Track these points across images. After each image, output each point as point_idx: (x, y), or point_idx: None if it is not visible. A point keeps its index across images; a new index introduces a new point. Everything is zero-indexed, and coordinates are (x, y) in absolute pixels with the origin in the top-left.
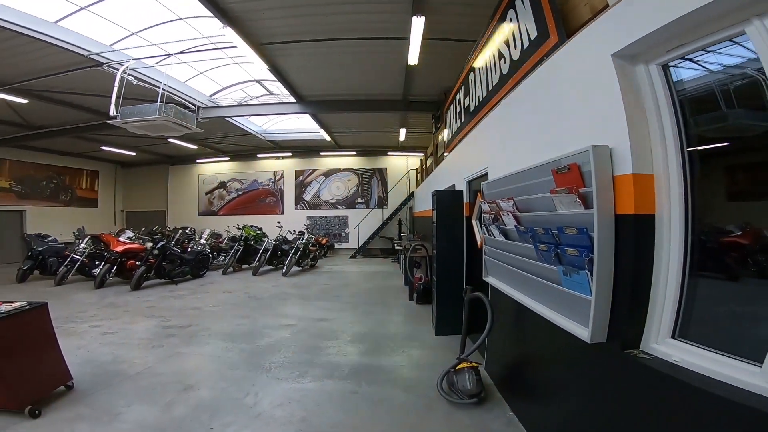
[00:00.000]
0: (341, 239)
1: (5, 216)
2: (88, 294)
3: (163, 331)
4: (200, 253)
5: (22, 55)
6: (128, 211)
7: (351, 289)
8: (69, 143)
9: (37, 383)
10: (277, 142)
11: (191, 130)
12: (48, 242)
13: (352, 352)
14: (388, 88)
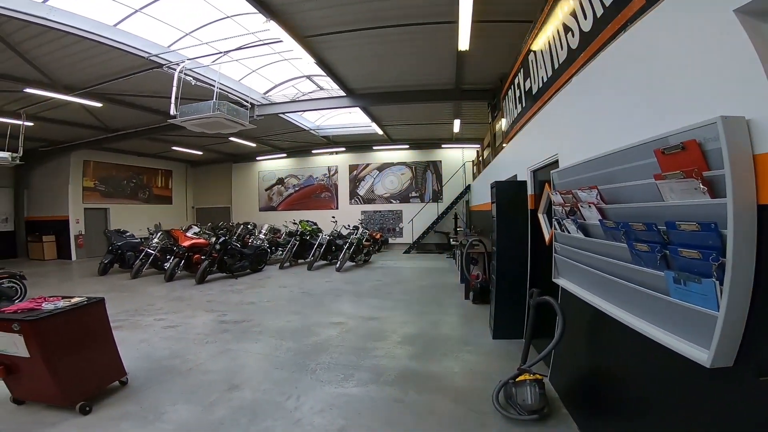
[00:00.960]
0: (395, 234)
1: (92, 213)
2: (158, 287)
3: (218, 326)
4: (259, 247)
5: (89, 59)
6: (198, 207)
7: (404, 286)
8: (143, 144)
9: (91, 379)
10: (330, 138)
11: (244, 126)
12: (126, 237)
13: (401, 355)
14: (439, 77)
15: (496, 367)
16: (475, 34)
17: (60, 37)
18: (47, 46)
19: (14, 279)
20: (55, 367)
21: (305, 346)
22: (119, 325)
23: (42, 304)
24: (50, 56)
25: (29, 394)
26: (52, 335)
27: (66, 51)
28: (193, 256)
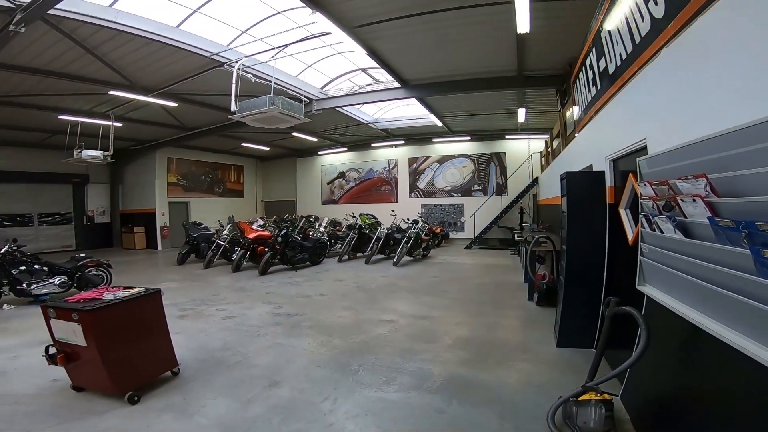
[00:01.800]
0: (456, 228)
1: (175, 207)
2: (225, 277)
3: (272, 318)
4: (318, 240)
5: (160, 60)
6: (267, 200)
7: (462, 284)
8: (217, 141)
9: (142, 369)
10: (389, 131)
11: (300, 120)
12: (200, 229)
13: (450, 360)
14: (498, 64)
15: (557, 380)
16: (536, 15)
17: (130, 40)
18: (121, 50)
19: (101, 267)
20: (108, 356)
21: (351, 344)
22: (185, 314)
23: (103, 294)
24: (125, 59)
25: (86, 382)
26: (108, 325)
27: (138, 53)
28: (258, 247)
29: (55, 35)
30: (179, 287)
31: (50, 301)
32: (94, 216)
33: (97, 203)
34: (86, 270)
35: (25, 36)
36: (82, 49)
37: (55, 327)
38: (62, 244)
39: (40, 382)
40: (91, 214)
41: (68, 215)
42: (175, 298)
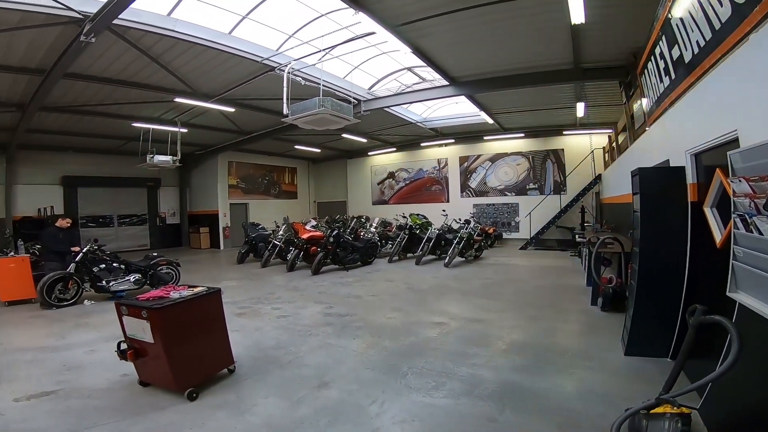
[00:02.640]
0: (510, 228)
1: (236, 208)
2: (280, 276)
3: (323, 318)
4: (369, 241)
5: (217, 67)
6: (319, 201)
7: (517, 286)
8: (271, 144)
9: (202, 366)
10: (438, 130)
11: (349, 121)
12: (258, 230)
13: (504, 366)
14: (552, 57)
15: (623, 390)
16: (592, 5)
17: (189, 48)
18: (182, 58)
19: (171, 266)
20: (172, 353)
21: (401, 347)
22: (242, 312)
23: (170, 293)
24: (186, 66)
25: (152, 377)
26: (173, 323)
27: (197, 61)
28: (311, 247)
29: (123, 45)
30: (238, 286)
31: (124, 298)
32: (165, 217)
33: (168, 205)
34: (158, 268)
35: (96, 47)
36: (147, 58)
37: (127, 324)
38: (138, 243)
39: (111, 377)
40: (163, 215)
41: (143, 216)
42: (234, 297)
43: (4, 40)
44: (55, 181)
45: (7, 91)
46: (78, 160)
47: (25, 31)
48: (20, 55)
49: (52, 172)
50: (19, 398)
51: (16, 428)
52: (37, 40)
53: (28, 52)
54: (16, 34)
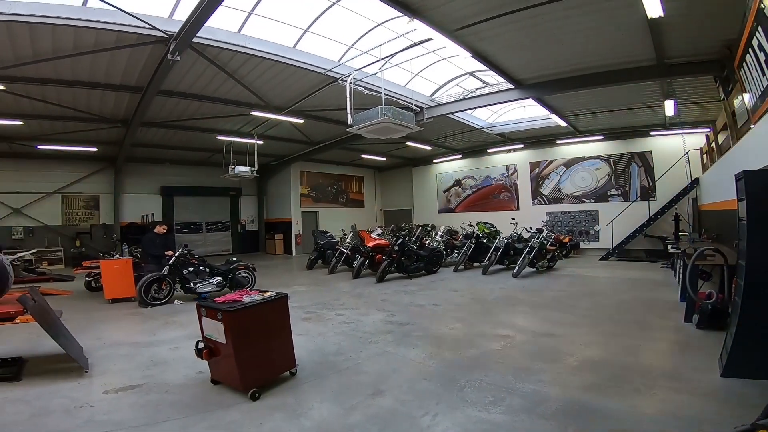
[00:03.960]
0: (589, 238)
1: (307, 216)
2: (346, 283)
3: (384, 326)
4: (434, 249)
5: (285, 80)
6: (385, 209)
7: (594, 300)
8: (339, 154)
9: (267, 368)
10: (505, 135)
11: (412, 129)
12: (327, 237)
13: (573, 383)
14: (629, 54)
15: (714, 414)
16: None
17: (259, 62)
18: (254, 72)
19: (248, 270)
20: (240, 354)
21: (461, 359)
22: (308, 317)
23: (243, 297)
24: (258, 81)
25: (222, 376)
26: (244, 325)
27: (268, 75)
28: (376, 255)
29: (203, 62)
30: (306, 291)
31: (207, 300)
32: (245, 224)
33: (247, 213)
34: (237, 272)
35: (182, 65)
36: (225, 74)
37: (205, 324)
38: (222, 248)
39: (188, 373)
40: (243, 222)
41: (227, 223)
42: (302, 301)
43: (106, 60)
44: (154, 190)
45: (113, 108)
46: (173, 171)
47: (123, 51)
48: (121, 74)
49: (152, 183)
50: (108, 391)
51: (100, 420)
52: (132, 59)
53: (127, 71)
54: (115, 55)
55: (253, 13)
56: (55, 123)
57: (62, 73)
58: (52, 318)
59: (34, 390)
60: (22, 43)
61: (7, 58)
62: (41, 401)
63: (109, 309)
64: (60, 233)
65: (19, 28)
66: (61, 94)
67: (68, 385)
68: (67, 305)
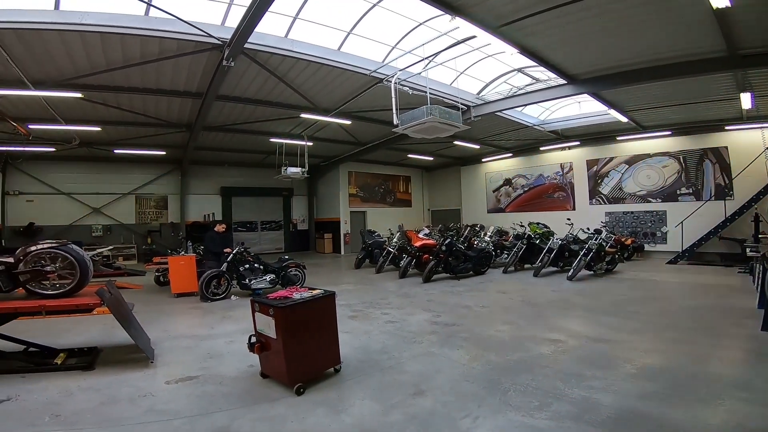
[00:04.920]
0: (654, 240)
1: (355, 216)
2: (393, 283)
3: (429, 326)
4: (483, 250)
5: (331, 82)
6: (433, 209)
7: (658, 305)
8: (386, 154)
9: (313, 364)
10: (559, 132)
11: (459, 128)
12: (374, 237)
13: (628, 391)
14: (696, 45)
15: None
16: None
17: (306, 66)
18: (302, 75)
19: (299, 268)
20: (289, 349)
21: (507, 362)
22: (355, 315)
23: (293, 294)
24: (307, 84)
25: (271, 370)
26: (293, 321)
27: (315, 78)
28: (423, 255)
29: (255, 67)
30: (354, 289)
31: (260, 296)
32: (297, 224)
33: (298, 213)
34: (288, 270)
35: (236, 70)
36: (275, 78)
37: (258, 319)
38: (275, 246)
39: (241, 367)
40: (295, 222)
41: (280, 222)
42: (349, 300)
43: (170, 68)
44: (215, 191)
45: (177, 113)
46: (232, 173)
47: (183, 58)
48: (183, 80)
49: (213, 184)
50: (169, 381)
51: (159, 409)
52: (193, 66)
53: (188, 77)
54: (178, 62)
55: (298, 18)
56: (129, 128)
57: (132, 81)
58: (126, 310)
59: (105, 379)
60: (95, 52)
61: (84, 67)
62: (110, 390)
63: (174, 303)
64: (133, 231)
65: (91, 37)
66: (133, 101)
67: (135, 374)
68: (138, 299)
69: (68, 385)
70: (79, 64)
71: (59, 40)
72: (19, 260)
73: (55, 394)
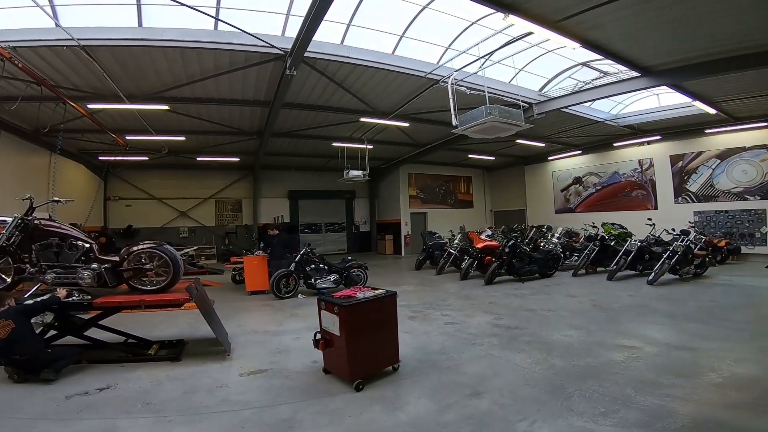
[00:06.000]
0: (753, 241)
1: (415, 217)
2: (453, 284)
3: (490, 329)
4: (550, 252)
5: (388, 86)
6: (495, 210)
7: (756, 312)
8: (445, 155)
9: (372, 362)
10: (635, 126)
11: (520, 127)
12: (435, 238)
13: (711, 400)
14: None
15: None
16: None
17: (363, 71)
18: (360, 81)
19: (361, 269)
20: (351, 346)
21: (573, 367)
22: (414, 316)
23: (356, 293)
24: (365, 88)
25: (333, 367)
26: (356, 319)
27: (372, 82)
28: (485, 257)
29: (315, 75)
30: (414, 290)
31: (325, 295)
32: (359, 225)
33: (360, 215)
34: (351, 270)
35: (298, 78)
36: (335, 84)
37: (324, 317)
38: (338, 248)
39: (305, 362)
40: (357, 223)
41: (342, 224)
42: (409, 301)
43: (240, 78)
44: (283, 194)
45: (249, 121)
46: (298, 176)
47: (251, 69)
48: (252, 90)
49: (281, 188)
50: (242, 373)
51: (233, 400)
52: (260, 76)
53: (256, 87)
54: (246, 73)
55: (351, 25)
56: (208, 137)
57: (209, 92)
58: (209, 306)
59: (188, 369)
60: (176, 66)
61: (168, 80)
62: (192, 380)
63: (248, 300)
64: (213, 232)
65: (172, 52)
66: (210, 111)
67: (214, 366)
68: (217, 296)
69: (158, 375)
70: (164, 77)
71: (146, 55)
72: (124, 259)
73: (147, 383)
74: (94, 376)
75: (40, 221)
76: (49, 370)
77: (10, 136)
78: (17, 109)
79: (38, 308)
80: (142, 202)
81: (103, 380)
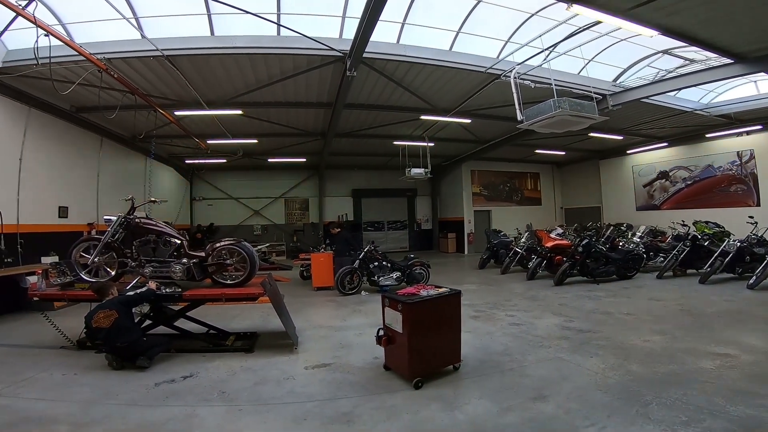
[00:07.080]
0: None
1: (479, 215)
2: (519, 284)
3: (559, 331)
4: (630, 252)
5: (446, 83)
6: (566, 207)
7: None
8: (510, 151)
9: (433, 360)
10: (731, 116)
11: (594, 119)
12: (500, 236)
13: None
14: None
15: None
16: None
17: (421, 69)
18: (418, 78)
19: (423, 267)
20: (412, 344)
21: (653, 374)
22: (477, 315)
23: (420, 291)
24: (423, 86)
25: (393, 363)
26: (419, 317)
27: (431, 79)
28: (555, 257)
29: (374, 75)
30: (477, 290)
31: (388, 292)
32: (420, 223)
33: (422, 213)
34: (413, 268)
35: (358, 79)
36: (393, 83)
37: (387, 314)
38: (400, 245)
39: (367, 358)
40: (419, 221)
41: (404, 222)
42: (472, 300)
43: (303, 82)
44: (347, 193)
45: (313, 123)
46: (360, 175)
47: (313, 72)
48: (315, 92)
49: (345, 186)
50: (307, 366)
51: (298, 392)
52: (321, 79)
53: (319, 89)
54: (309, 76)
55: (406, 24)
56: (277, 139)
57: (277, 96)
58: (280, 300)
59: (260, 361)
60: (246, 72)
61: (240, 86)
62: (263, 371)
63: (315, 295)
64: (283, 230)
65: (242, 59)
66: (279, 114)
67: (282, 358)
68: (286, 291)
69: (233, 366)
70: (237, 83)
71: (220, 63)
72: (209, 255)
73: (224, 372)
74: (179, 365)
75: (140, 220)
76: (144, 357)
77: (111, 143)
78: (116, 117)
79: (138, 299)
80: (222, 201)
81: (187, 369)
